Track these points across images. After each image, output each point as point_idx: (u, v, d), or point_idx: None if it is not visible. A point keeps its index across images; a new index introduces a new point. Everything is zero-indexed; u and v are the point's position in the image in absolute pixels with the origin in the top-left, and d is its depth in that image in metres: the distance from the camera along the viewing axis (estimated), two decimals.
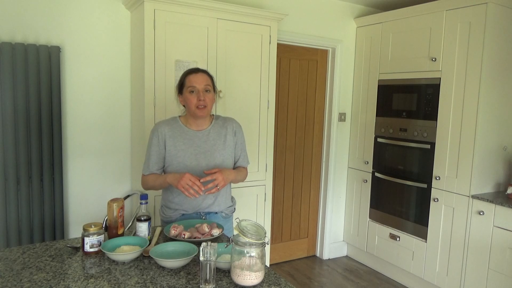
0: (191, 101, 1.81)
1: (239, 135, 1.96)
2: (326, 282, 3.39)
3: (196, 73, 1.84)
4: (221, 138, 1.91)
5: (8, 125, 2.40)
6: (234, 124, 1.96)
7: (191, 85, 1.81)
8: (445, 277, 2.95)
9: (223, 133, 1.92)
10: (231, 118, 2.00)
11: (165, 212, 1.95)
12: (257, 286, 1.33)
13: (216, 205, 1.93)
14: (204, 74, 1.85)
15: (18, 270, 1.40)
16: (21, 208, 2.48)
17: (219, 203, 1.93)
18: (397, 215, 3.34)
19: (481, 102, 2.71)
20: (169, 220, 1.94)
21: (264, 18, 2.88)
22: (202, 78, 1.83)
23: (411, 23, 3.17)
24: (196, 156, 1.86)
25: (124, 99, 2.86)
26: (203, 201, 1.89)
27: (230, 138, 1.93)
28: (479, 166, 2.78)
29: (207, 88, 1.83)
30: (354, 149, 3.78)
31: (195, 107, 1.81)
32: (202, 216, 1.93)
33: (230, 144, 1.92)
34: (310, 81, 3.66)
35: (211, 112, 1.95)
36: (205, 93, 1.81)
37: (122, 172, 2.90)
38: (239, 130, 1.97)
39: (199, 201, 1.89)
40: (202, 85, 1.81)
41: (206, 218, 1.93)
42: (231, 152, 1.93)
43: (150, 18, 2.48)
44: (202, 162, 1.85)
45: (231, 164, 1.95)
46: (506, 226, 2.56)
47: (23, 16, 2.48)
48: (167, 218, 1.95)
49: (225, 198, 1.97)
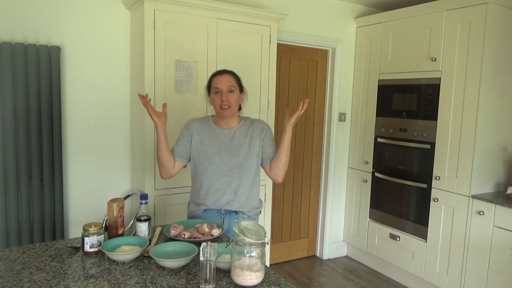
0: (215, 101, 1.91)
1: (267, 133, 2.00)
2: (326, 282, 3.39)
3: (221, 74, 1.93)
4: (247, 137, 1.96)
5: (8, 125, 2.40)
6: (262, 124, 2.02)
7: (216, 86, 1.90)
8: (445, 277, 2.95)
9: (249, 132, 1.97)
10: (260, 120, 2.06)
11: (190, 208, 2.04)
12: (257, 286, 1.33)
13: (236, 201, 1.94)
14: (228, 75, 1.92)
15: (18, 270, 1.40)
16: (21, 208, 2.48)
17: (240, 200, 1.95)
18: (397, 215, 3.34)
19: (481, 102, 2.71)
20: (193, 215, 2.02)
21: (264, 18, 2.88)
22: (226, 79, 1.90)
23: (411, 23, 3.17)
24: (220, 152, 1.92)
25: (124, 99, 2.86)
26: (222, 196, 1.93)
27: (256, 137, 1.97)
28: (479, 166, 2.78)
29: (231, 89, 1.90)
30: (354, 149, 3.78)
31: (219, 107, 1.90)
32: (222, 214, 1.95)
33: (255, 143, 1.96)
34: (310, 81, 3.66)
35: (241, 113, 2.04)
36: (228, 94, 1.89)
37: (122, 172, 2.90)
38: (266, 128, 2.01)
39: (219, 195, 1.93)
40: (226, 86, 1.88)
41: (225, 217, 1.95)
42: (257, 151, 1.96)
43: (150, 18, 2.48)
44: (225, 157, 1.92)
45: (255, 163, 1.97)
46: (506, 226, 2.56)
47: (23, 16, 2.48)
48: (191, 213, 2.03)
49: (248, 196, 1.97)
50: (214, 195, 1.94)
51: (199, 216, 1.99)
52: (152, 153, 2.58)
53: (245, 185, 1.95)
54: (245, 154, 1.93)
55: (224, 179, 1.92)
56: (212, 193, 1.93)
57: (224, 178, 1.92)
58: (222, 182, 1.92)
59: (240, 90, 1.96)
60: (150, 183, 2.59)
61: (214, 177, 1.92)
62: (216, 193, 1.93)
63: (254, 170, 1.97)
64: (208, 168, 1.92)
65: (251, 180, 1.97)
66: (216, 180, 1.92)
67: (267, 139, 2.00)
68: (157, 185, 2.61)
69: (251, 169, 1.95)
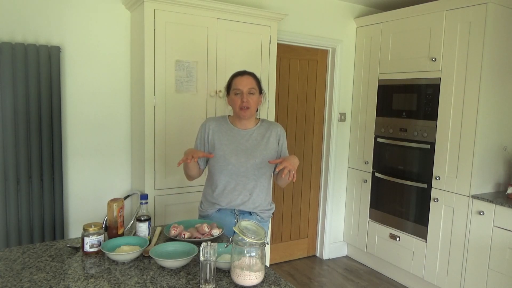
0: (235, 102, 1.90)
1: (282, 140, 2.01)
2: (326, 282, 3.39)
3: (242, 75, 1.92)
4: (264, 139, 1.96)
5: (8, 125, 2.40)
6: (279, 128, 2.02)
7: (236, 87, 1.90)
8: (445, 277, 2.95)
9: (267, 135, 1.97)
10: (277, 123, 2.06)
11: (203, 207, 2.03)
12: (257, 286, 1.33)
13: (251, 203, 1.95)
14: (249, 77, 1.92)
15: (18, 270, 1.40)
16: (21, 208, 2.48)
17: (254, 201, 1.95)
18: (397, 215, 3.34)
19: (481, 102, 2.71)
20: (205, 214, 2.01)
21: (264, 18, 2.88)
22: (247, 81, 1.90)
23: (411, 23, 3.17)
24: (237, 152, 1.92)
25: (124, 99, 2.86)
26: (238, 196, 1.93)
27: (273, 141, 1.98)
28: (479, 166, 2.78)
29: (251, 91, 1.89)
30: (354, 149, 3.78)
31: (239, 108, 1.90)
32: (236, 215, 1.96)
33: (272, 147, 1.96)
34: (310, 81, 3.66)
35: (258, 115, 2.04)
36: (249, 95, 1.89)
37: (122, 172, 2.90)
38: (283, 135, 2.02)
39: (234, 195, 1.93)
40: (247, 88, 1.88)
41: (239, 218, 1.95)
42: (272, 154, 1.96)
43: (150, 18, 2.48)
44: (241, 158, 1.91)
45: (270, 166, 1.97)
46: (506, 226, 2.56)
47: (23, 16, 2.48)
48: (204, 212, 2.02)
49: (262, 197, 1.98)
50: (229, 194, 1.93)
51: (211, 215, 1.98)
52: (152, 153, 2.58)
53: (260, 187, 1.96)
54: (262, 156, 1.93)
55: (240, 179, 1.92)
56: (227, 193, 1.93)
57: (240, 178, 1.92)
58: (238, 183, 1.92)
59: (260, 92, 1.96)
60: (150, 183, 2.59)
61: (231, 177, 1.92)
62: (231, 193, 1.93)
63: (269, 173, 1.99)
64: (225, 168, 1.92)
65: (265, 183, 1.98)
66: (232, 180, 1.92)
67: (283, 147, 2.01)
68: (157, 185, 2.61)
69: (266, 172, 1.96)
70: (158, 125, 2.58)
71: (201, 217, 2.03)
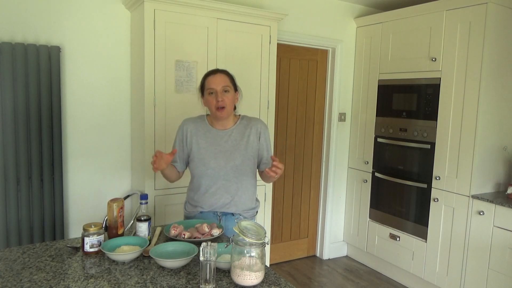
0: (211, 102, 1.84)
1: (264, 136, 1.95)
2: (326, 282, 3.39)
3: (214, 74, 1.86)
4: (243, 138, 1.90)
5: (8, 125, 2.40)
6: (259, 124, 1.95)
7: (210, 87, 1.84)
8: (445, 277, 2.95)
9: (247, 133, 1.91)
10: (257, 119, 1.99)
11: (187, 208, 2.01)
12: (257, 286, 1.33)
13: (233, 205, 1.91)
14: (222, 75, 1.86)
15: (18, 270, 1.40)
16: (21, 208, 2.48)
17: (237, 203, 1.92)
18: (397, 215, 3.34)
19: (481, 102, 2.71)
20: (189, 216, 1.99)
21: (264, 18, 2.88)
22: (220, 79, 1.84)
23: (411, 23, 3.17)
24: (216, 154, 1.87)
25: (124, 99, 2.86)
26: (219, 200, 1.90)
27: (254, 138, 1.92)
28: (479, 166, 2.78)
29: (225, 89, 1.83)
30: (354, 149, 3.78)
31: (215, 109, 1.83)
32: (218, 216, 1.93)
33: (252, 145, 1.91)
34: (310, 81, 3.66)
35: (237, 112, 1.98)
36: (223, 94, 1.82)
37: (122, 172, 2.90)
38: (264, 131, 1.95)
39: (215, 199, 1.90)
40: (220, 86, 1.82)
41: (222, 219, 1.92)
42: (253, 153, 1.92)
43: (150, 18, 2.48)
44: (221, 161, 1.87)
45: (252, 165, 1.93)
46: (506, 226, 2.56)
47: (23, 16, 2.48)
48: (187, 214, 2.00)
49: (246, 198, 1.94)
50: (211, 198, 1.90)
51: (195, 217, 1.96)
52: (152, 153, 2.57)
53: (243, 189, 1.92)
54: (242, 157, 1.88)
55: (221, 182, 1.88)
56: (209, 196, 1.90)
57: (221, 182, 1.88)
58: (219, 186, 1.89)
59: (235, 89, 1.89)
60: (150, 183, 2.59)
61: (211, 180, 1.88)
62: (212, 196, 1.90)
63: (251, 173, 1.94)
64: (205, 172, 1.88)
65: (248, 183, 1.93)
66: (213, 184, 1.89)
67: (264, 143, 1.95)
68: (157, 185, 2.61)
69: (248, 172, 1.91)
70: (158, 125, 2.58)
71: (186, 218, 2.00)
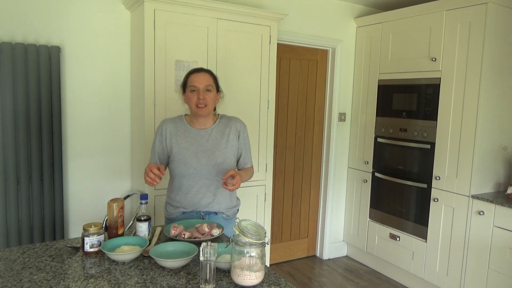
0: (191, 100, 1.85)
1: (243, 135, 1.96)
2: (326, 282, 3.39)
3: (198, 72, 1.88)
4: (223, 137, 1.92)
5: (8, 125, 2.40)
6: (238, 123, 1.96)
7: (192, 85, 1.85)
8: (445, 277, 2.95)
9: (226, 132, 1.93)
10: (236, 118, 2.00)
11: (167, 210, 1.99)
12: (257, 286, 1.33)
13: (216, 203, 1.92)
14: (206, 74, 1.87)
15: (18, 270, 1.40)
16: (21, 208, 2.48)
17: (219, 201, 1.93)
18: (397, 215, 3.34)
19: (481, 102, 2.71)
20: (171, 217, 1.96)
21: (264, 18, 2.88)
22: (203, 78, 1.85)
23: (411, 23, 3.17)
24: (197, 154, 1.87)
25: (124, 99, 2.86)
26: (202, 199, 1.90)
27: (233, 137, 1.93)
28: (479, 166, 2.78)
29: (208, 88, 1.85)
30: (354, 149, 3.78)
31: (195, 106, 1.84)
32: (201, 216, 1.93)
33: (232, 144, 1.93)
34: (310, 81, 3.66)
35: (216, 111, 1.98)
36: (205, 93, 1.84)
37: (122, 172, 2.90)
38: (243, 130, 1.97)
39: (198, 198, 1.90)
40: (203, 85, 1.84)
41: (205, 218, 1.93)
42: (233, 151, 1.93)
43: (150, 18, 2.48)
44: (202, 160, 1.87)
45: (233, 163, 1.95)
46: (506, 226, 2.56)
47: (23, 16, 2.48)
48: (169, 215, 1.98)
49: (227, 197, 1.95)
50: (193, 198, 1.90)
51: (176, 218, 1.94)
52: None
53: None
54: (223, 156, 1.89)
55: (203, 181, 1.88)
56: (191, 197, 1.90)
57: (203, 181, 1.88)
58: (201, 185, 1.89)
59: (217, 90, 1.91)
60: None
61: (193, 180, 1.88)
62: (194, 196, 1.90)
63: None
64: (186, 172, 1.87)
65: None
66: (195, 184, 1.89)
67: (243, 142, 1.97)
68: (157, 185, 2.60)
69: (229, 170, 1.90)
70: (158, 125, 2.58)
71: (168, 220, 1.99)
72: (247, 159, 2.01)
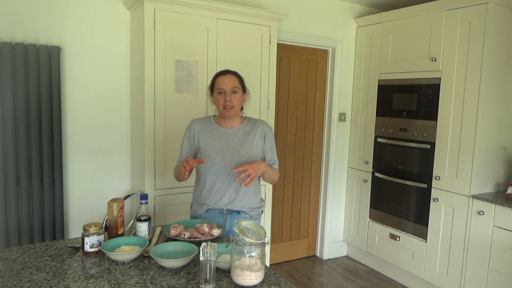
0: (219, 101, 1.92)
1: (268, 137, 2.02)
2: (326, 282, 3.39)
3: (224, 74, 1.93)
4: (249, 137, 1.97)
5: (8, 125, 2.40)
6: (265, 126, 2.02)
7: (219, 87, 1.91)
8: (445, 277, 2.95)
9: (252, 132, 1.98)
10: (262, 120, 2.07)
11: (192, 208, 2.05)
12: (257, 286, 1.33)
13: (238, 201, 1.95)
14: (232, 76, 1.93)
15: (18, 270, 1.40)
16: (21, 208, 2.48)
17: (242, 199, 1.96)
18: (397, 215, 3.34)
19: (481, 102, 2.71)
20: (195, 215, 2.02)
21: (264, 18, 2.88)
22: (229, 80, 1.91)
23: (411, 23, 3.17)
24: (222, 151, 1.93)
25: (124, 99, 2.86)
26: (224, 195, 1.94)
27: (259, 138, 1.98)
28: (479, 166, 2.78)
29: (234, 90, 1.91)
30: (354, 149, 3.78)
31: (222, 108, 1.91)
32: (224, 214, 1.96)
33: (257, 144, 1.97)
34: (310, 81, 3.66)
35: (243, 113, 2.05)
36: (232, 94, 1.90)
37: (122, 172, 2.90)
38: (269, 132, 2.03)
39: (220, 195, 1.94)
40: (230, 87, 1.90)
41: (227, 217, 1.96)
42: (258, 151, 1.97)
43: (150, 18, 2.48)
44: (227, 157, 1.92)
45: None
46: (506, 226, 2.56)
47: (23, 16, 2.48)
48: (194, 214, 2.04)
49: (250, 196, 1.98)
50: (216, 194, 1.94)
51: (201, 216, 1.99)
52: (152, 153, 2.58)
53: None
54: (247, 154, 1.93)
55: (226, 178, 1.92)
56: (214, 193, 1.94)
57: (226, 177, 1.92)
58: (224, 182, 1.93)
59: (243, 90, 1.97)
60: (150, 183, 2.59)
61: (217, 176, 1.93)
62: (218, 192, 1.94)
63: None
64: (210, 168, 1.92)
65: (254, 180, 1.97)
66: (218, 180, 1.93)
67: (269, 144, 2.01)
68: (157, 185, 2.61)
69: None
70: (158, 125, 2.58)
71: (192, 218, 2.04)
72: (273, 160, 2.05)
